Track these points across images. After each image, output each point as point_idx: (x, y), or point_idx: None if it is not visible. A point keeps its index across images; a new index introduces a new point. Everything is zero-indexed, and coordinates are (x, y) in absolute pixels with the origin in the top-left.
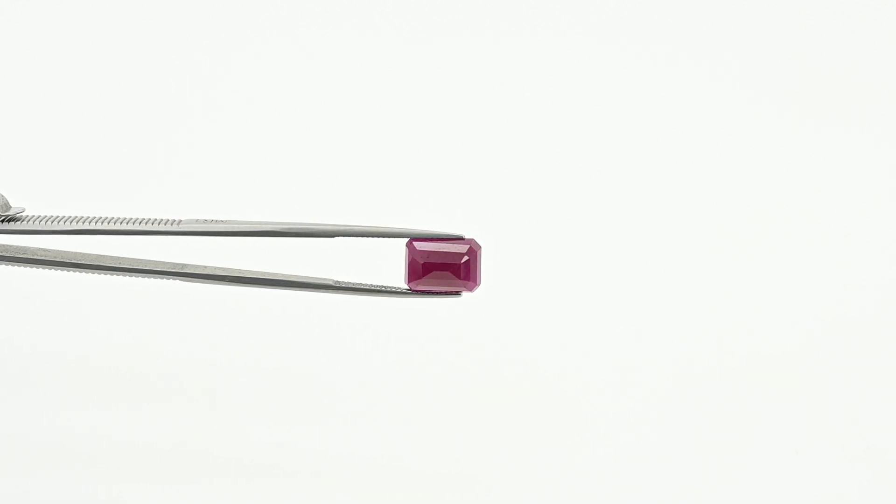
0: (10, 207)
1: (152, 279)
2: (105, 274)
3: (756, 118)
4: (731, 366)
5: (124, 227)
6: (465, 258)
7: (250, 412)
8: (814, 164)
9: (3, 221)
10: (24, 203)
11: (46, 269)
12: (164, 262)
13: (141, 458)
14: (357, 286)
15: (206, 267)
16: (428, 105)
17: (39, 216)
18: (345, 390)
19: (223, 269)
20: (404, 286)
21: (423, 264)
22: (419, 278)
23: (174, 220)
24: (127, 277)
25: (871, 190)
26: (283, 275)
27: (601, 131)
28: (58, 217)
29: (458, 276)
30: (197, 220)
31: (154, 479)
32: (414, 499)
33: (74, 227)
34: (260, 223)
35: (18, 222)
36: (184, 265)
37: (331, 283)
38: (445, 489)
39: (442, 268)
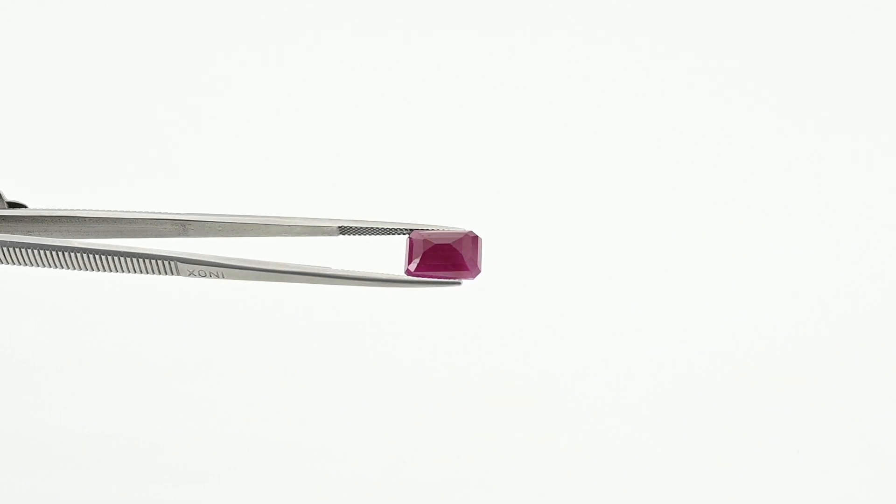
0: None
1: (148, 271)
2: (103, 269)
3: (756, 118)
4: (731, 365)
5: (124, 216)
6: (466, 236)
7: (248, 410)
8: (813, 164)
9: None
10: (25, 202)
11: (46, 266)
12: (158, 250)
13: (139, 458)
14: (353, 276)
15: (200, 255)
16: (429, 101)
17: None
18: (343, 387)
19: (219, 257)
20: (403, 275)
21: (424, 241)
22: (419, 257)
23: (175, 215)
24: (125, 274)
25: (871, 190)
26: (277, 263)
27: (602, 131)
28: (60, 209)
29: (459, 251)
30: (197, 213)
31: (152, 480)
32: (413, 498)
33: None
34: (259, 218)
35: (22, 209)
36: (178, 253)
37: (327, 272)
38: (444, 488)
39: (442, 246)
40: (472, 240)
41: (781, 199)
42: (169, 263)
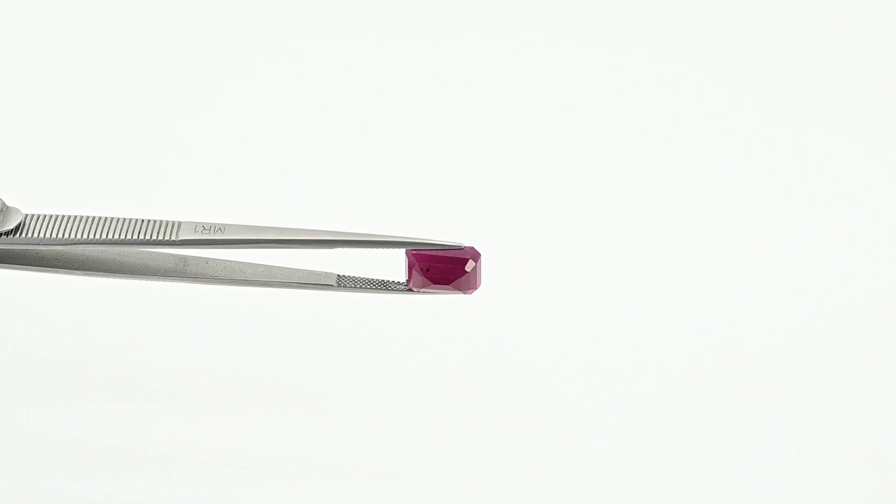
0: (7, 208)
1: (149, 281)
2: (103, 277)
3: (757, 118)
4: (731, 365)
5: (122, 236)
6: (466, 271)
7: (248, 413)
8: (813, 163)
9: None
10: (22, 201)
11: (44, 272)
12: (162, 259)
13: (141, 460)
14: (358, 282)
15: (205, 264)
16: (425, 108)
17: (37, 215)
18: (343, 391)
19: (222, 265)
20: (402, 283)
21: (423, 278)
22: (419, 287)
23: (173, 223)
24: (125, 279)
25: (871, 190)
26: (282, 269)
27: (600, 130)
28: (55, 216)
29: (459, 289)
30: (195, 223)
31: (153, 481)
32: (412, 500)
33: (73, 234)
34: (258, 229)
35: (16, 234)
36: (184, 261)
37: (332, 281)
38: (444, 490)
39: (443, 280)
40: (472, 272)
41: (781, 199)
42: (166, 279)
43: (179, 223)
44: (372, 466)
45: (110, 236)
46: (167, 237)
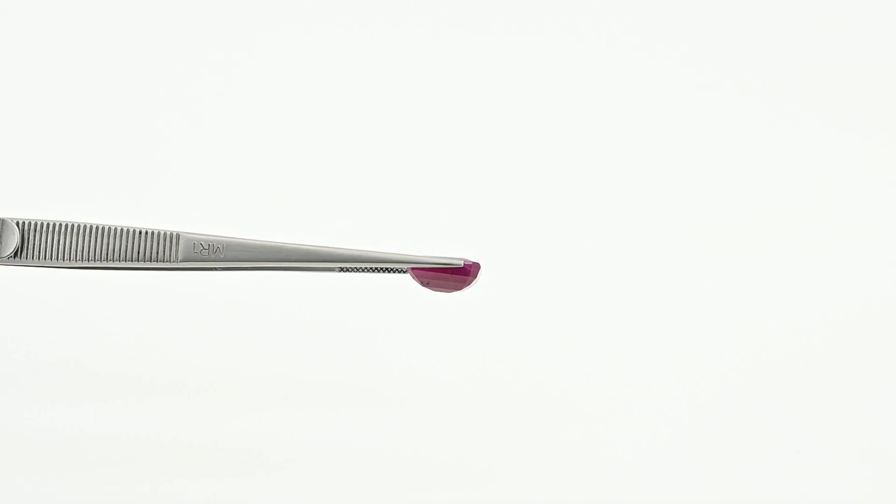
0: (4, 223)
1: (147, 272)
2: (103, 271)
3: (758, 118)
4: (732, 366)
5: (122, 254)
6: (466, 287)
7: (247, 408)
8: (814, 164)
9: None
10: (17, 205)
11: (44, 268)
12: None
13: (142, 458)
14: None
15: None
16: (423, 112)
17: (34, 224)
18: (342, 387)
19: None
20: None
21: (423, 287)
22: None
23: (172, 236)
24: (122, 272)
25: (871, 190)
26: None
27: (600, 131)
28: (53, 226)
29: (459, 292)
30: (194, 237)
31: (154, 479)
32: (411, 498)
33: (73, 253)
34: (257, 248)
35: (16, 257)
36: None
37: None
38: (445, 487)
39: (442, 291)
40: (471, 282)
41: (782, 201)
42: (163, 269)
43: (178, 236)
44: (372, 463)
45: (110, 254)
46: (167, 257)
